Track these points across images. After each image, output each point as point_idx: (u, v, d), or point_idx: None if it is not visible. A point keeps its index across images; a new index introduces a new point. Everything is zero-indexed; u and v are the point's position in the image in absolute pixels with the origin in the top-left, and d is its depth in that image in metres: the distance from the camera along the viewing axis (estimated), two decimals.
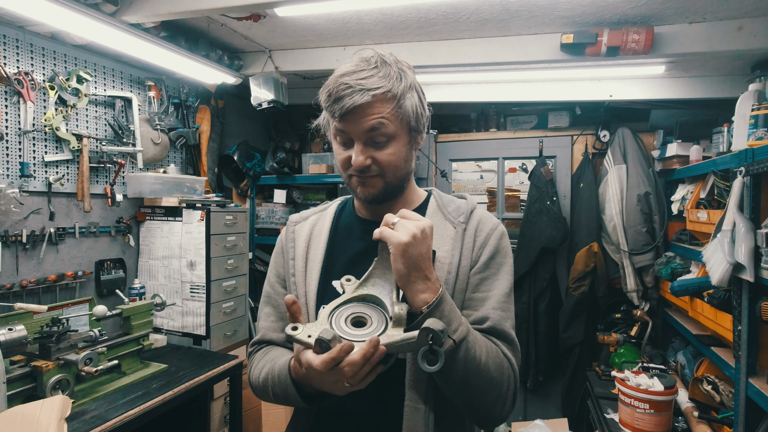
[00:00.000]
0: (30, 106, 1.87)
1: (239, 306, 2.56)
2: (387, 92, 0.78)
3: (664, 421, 1.84)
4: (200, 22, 2.15)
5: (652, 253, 2.63)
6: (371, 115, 0.78)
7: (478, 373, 0.73)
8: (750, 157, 1.58)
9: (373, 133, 0.79)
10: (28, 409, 1.28)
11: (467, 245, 0.86)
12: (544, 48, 2.16)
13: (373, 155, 0.81)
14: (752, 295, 1.54)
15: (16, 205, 1.81)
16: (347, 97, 0.76)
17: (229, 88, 2.86)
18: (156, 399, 1.68)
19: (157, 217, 2.41)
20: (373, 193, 0.84)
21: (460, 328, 0.72)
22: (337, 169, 0.88)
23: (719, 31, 1.95)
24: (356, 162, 0.80)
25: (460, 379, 0.73)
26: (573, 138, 3.07)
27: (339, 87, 0.77)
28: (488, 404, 0.77)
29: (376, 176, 0.83)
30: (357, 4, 1.82)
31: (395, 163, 0.83)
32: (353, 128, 0.79)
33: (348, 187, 0.88)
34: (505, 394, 0.77)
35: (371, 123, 0.78)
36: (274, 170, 3.16)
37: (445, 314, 0.71)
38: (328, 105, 0.79)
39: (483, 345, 0.75)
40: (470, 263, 0.85)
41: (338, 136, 0.84)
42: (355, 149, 0.80)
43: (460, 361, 0.71)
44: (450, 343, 0.70)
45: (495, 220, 0.91)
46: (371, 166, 0.81)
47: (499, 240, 0.87)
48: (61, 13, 1.63)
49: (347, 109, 0.76)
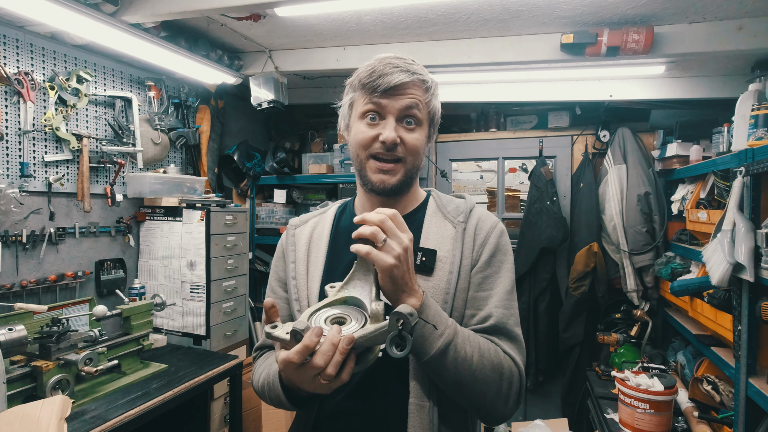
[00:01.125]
0: (30, 106, 1.87)
1: (239, 306, 2.56)
2: (425, 81, 0.85)
3: (664, 421, 1.84)
4: (200, 22, 2.15)
5: (652, 253, 2.63)
6: (410, 95, 0.83)
7: (470, 373, 0.74)
8: (750, 157, 1.58)
9: (408, 112, 0.83)
10: (28, 409, 1.28)
11: (467, 244, 0.86)
12: (544, 48, 2.16)
13: (402, 136, 0.84)
14: (752, 295, 1.54)
15: (16, 205, 1.81)
16: (394, 74, 0.81)
17: (229, 88, 2.86)
18: (156, 399, 1.68)
19: (157, 217, 2.41)
20: (392, 182, 0.85)
21: (447, 331, 0.73)
22: (354, 150, 0.88)
23: (719, 31, 1.95)
24: (388, 137, 0.81)
25: (453, 380, 0.74)
26: (573, 138, 3.07)
27: (385, 65, 0.82)
28: (487, 403, 0.77)
29: (399, 161, 0.85)
30: (357, 4, 1.82)
31: (418, 149, 0.86)
32: (391, 104, 0.83)
33: (362, 173, 0.87)
34: (506, 392, 0.77)
35: (409, 101, 0.83)
36: (274, 170, 3.16)
37: (430, 318, 0.72)
38: (370, 81, 0.83)
39: (475, 345, 0.75)
40: (471, 262, 0.85)
41: (369, 114, 0.85)
42: (388, 125, 0.83)
43: (449, 362, 0.73)
44: (430, 329, 0.72)
45: (494, 219, 0.92)
46: (398, 146, 0.83)
47: (499, 238, 0.88)
48: (61, 13, 1.63)
49: (393, 84, 0.81)
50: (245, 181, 3.17)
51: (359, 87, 0.86)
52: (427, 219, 0.91)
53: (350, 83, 0.89)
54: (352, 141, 0.89)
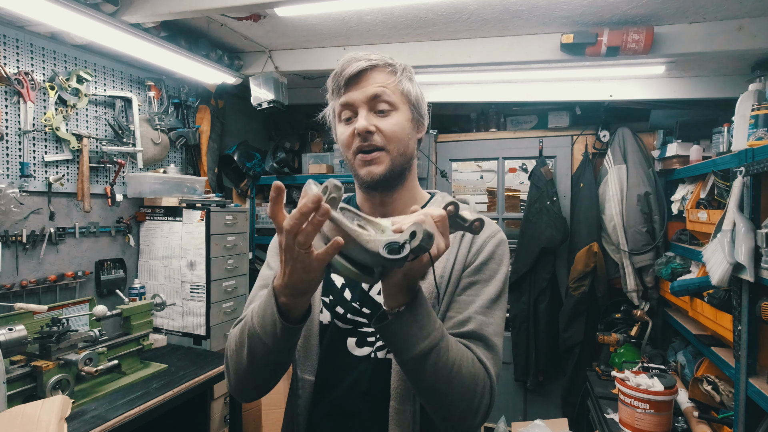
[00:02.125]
0: (30, 106, 1.87)
1: (239, 306, 2.56)
2: (387, 65, 0.84)
3: (664, 421, 1.84)
4: (200, 22, 2.15)
5: (652, 253, 2.63)
6: (374, 82, 0.82)
7: (448, 381, 0.70)
8: (750, 157, 1.58)
9: (376, 100, 0.82)
10: (28, 409, 1.28)
11: (463, 249, 0.85)
12: (544, 48, 2.16)
13: (377, 124, 0.82)
14: (752, 295, 1.54)
15: (16, 205, 1.81)
16: (351, 65, 0.82)
17: (229, 88, 2.86)
18: (156, 399, 1.68)
19: (157, 217, 2.41)
20: (378, 172, 0.83)
21: (434, 333, 0.70)
22: (342, 153, 0.87)
23: (719, 31, 1.95)
24: (360, 126, 0.80)
25: (429, 385, 0.71)
26: (573, 138, 3.07)
27: (344, 63, 0.83)
28: (458, 414, 0.73)
29: (381, 150, 0.83)
30: (357, 4, 1.82)
31: (399, 134, 0.84)
32: (357, 96, 0.82)
33: (354, 172, 0.87)
34: (477, 404, 0.74)
35: (374, 90, 0.82)
36: (274, 170, 3.16)
37: (419, 318, 0.69)
38: (334, 81, 0.84)
39: (457, 353, 0.72)
40: (463, 267, 0.84)
41: (343, 113, 0.85)
42: (360, 115, 0.82)
43: (429, 366, 0.69)
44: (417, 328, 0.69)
45: (495, 227, 0.90)
46: (375, 135, 0.82)
47: (496, 247, 0.86)
48: (61, 13, 1.63)
49: (351, 74, 0.81)
50: (245, 181, 3.17)
51: (331, 92, 0.87)
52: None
53: (327, 95, 0.90)
54: (339, 145, 0.88)
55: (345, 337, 0.87)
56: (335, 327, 0.88)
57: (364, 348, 0.86)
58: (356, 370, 0.85)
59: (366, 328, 0.86)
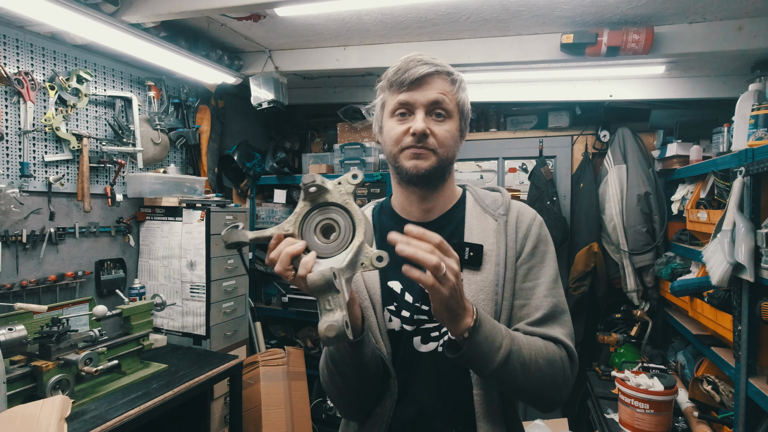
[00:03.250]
0: (30, 106, 1.87)
1: (239, 306, 2.56)
2: (450, 74, 0.88)
3: (664, 421, 1.84)
4: (200, 22, 2.15)
5: (652, 253, 2.63)
6: (436, 88, 0.86)
7: (530, 375, 0.76)
8: (750, 157, 1.58)
9: (435, 106, 0.86)
10: (28, 409, 1.28)
11: (510, 236, 0.89)
12: (544, 48, 2.16)
13: (432, 128, 0.86)
14: (752, 295, 1.54)
15: (16, 205, 1.81)
16: (418, 67, 0.85)
17: (229, 88, 2.86)
18: (156, 399, 1.68)
19: (157, 217, 2.41)
20: (425, 167, 0.86)
21: (504, 342, 0.74)
22: (387, 146, 0.90)
23: (719, 31, 1.95)
24: (417, 127, 0.83)
25: (515, 385, 0.77)
26: (573, 138, 3.07)
27: (410, 62, 0.86)
28: (545, 397, 0.81)
29: (431, 150, 0.86)
30: (357, 4, 1.82)
31: (449, 141, 0.88)
32: (418, 97, 0.85)
33: (396, 165, 0.89)
34: (560, 383, 0.80)
35: (435, 96, 0.85)
36: (274, 170, 3.16)
37: (487, 334, 0.73)
38: (396, 77, 0.86)
39: (532, 347, 0.78)
40: (515, 254, 0.88)
41: (398, 110, 0.87)
42: (417, 117, 0.85)
43: (510, 371, 0.75)
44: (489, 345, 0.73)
45: (532, 211, 0.94)
46: (429, 138, 0.85)
47: (540, 229, 0.91)
48: (61, 13, 1.63)
49: (417, 76, 0.84)
50: (245, 181, 3.17)
51: (387, 86, 0.89)
52: (468, 214, 0.94)
53: (380, 86, 0.93)
54: (385, 139, 0.91)
55: (411, 337, 0.90)
56: (405, 331, 0.91)
57: (429, 344, 0.89)
58: (425, 367, 0.89)
59: (428, 325, 0.90)
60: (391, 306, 0.91)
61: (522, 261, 0.88)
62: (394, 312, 0.91)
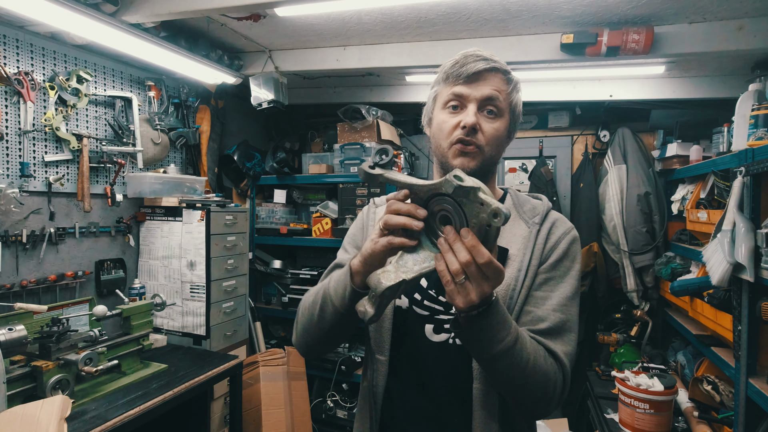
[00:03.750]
0: (30, 106, 1.87)
1: (239, 306, 2.56)
2: (506, 72, 0.89)
3: (664, 421, 1.84)
4: (200, 22, 2.15)
5: (652, 253, 2.63)
6: (491, 85, 0.86)
7: (523, 377, 0.76)
8: (750, 157, 1.58)
9: (488, 102, 0.86)
10: (28, 409, 1.28)
11: (539, 245, 0.88)
12: (544, 48, 2.16)
13: (482, 124, 0.86)
14: (752, 295, 1.54)
15: (16, 205, 1.81)
16: (475, 63, 0.86)
17: (229, 88, 2.86)
18: (156, 399, 1.68)
19: (157, 217, 2.41)
20: (471, 166, 0.86)
21: (508, 337, 0.73)
22: (437, 139, 0.90)
23: (719, 31, 1.95)
24: (468, 120, 0.84)
25: (505, 380, 0.77)
26: (573, 138, 3.07)
27: (467, 57, 0.87)
28: (530, 404, 0.80)
29: (477, 149, 0.86)
30: (357, 4, 1.82)
31: (497, 140, 0.88)
32: (472, 91, 0.86)
33: (443, 160, 0.89)
34: (549, 397, 0.79)
35: (490, 92, 0.86)
36: (274, 170, 3.16)
37: (496, 321, 0.72)
38: (453, 71, 0.87)
39: (531, 352, 0.76)
40: (539, 263, 0.87)
41: (451, 102, 0.88)
42: (469, 111, 0.85)
43: (504, 366, 0.74)
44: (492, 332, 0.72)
45: (569, 224, 0.93)
46: (477, 134, 0.85)
47: (570, 244, 0.89)
48: (61, 13, 1.63)
49: (474, 71, 0.85)
50: (245, 181, 3.17)
51: (443, 79, 0.90)
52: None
53: (435, 79, 0.93)
54: (434, 130, 0.91)
55: (423, 323, 0.91)
56: (414, 313, 0.92)
57: (441, 334, 0.90)
58: (434, 355, 0.89)
59: (442, 315, 0.90)
60: None
61: (543, 270, 0.87)
62: (406, 292, 0.92)
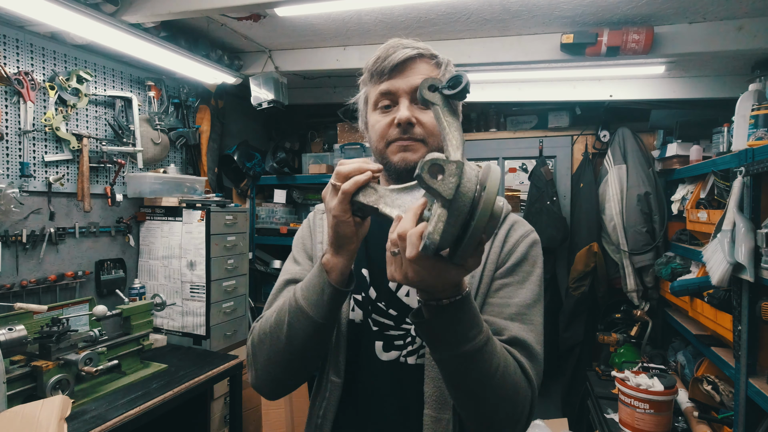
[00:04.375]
0: (30, 106, 1.87)
1: (239, 306, 2.56)
2: (433, 56, 0.81)
3: (664, 421, 1.84)
4: (200, 22, 2.15)
5: (652, 253, 2.63)
6: (419, 73, 0.79)
7: (490, 387, 0.66)
8: (750, 157, 1.58)
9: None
10: (28, 409, 1.28)
11: (495, 249, 0.82)
12: (544, 48, 2.16)
13: (418, 116, 0.78)
14: (752, 295, 1.54)
15: (16, 205, 1.81)
16: (396, 53, 0.78)
17: (229, 88, 2.86)
18: (156, 399, 1.68)
19: (157, 217, 2.41)
20: (413, 159, 0.78)
21: (479, 336, 0.64)
22: (374, 141, 0.83)
23: (719, 31, 1.95)
24: (402, 116, 0.77)
25: (469, 390, 0.67)
26: (573, 138, 3.07)
27: (389, 48, 0.80)
28: (497, 424, 0.69)
29: (420, 142, 0.79)
30: (357, 4, 1.82)
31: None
32: (401, 84, 0.79)
33: (384, 161, 0.82)
34: (518, 415, 0.70)
35: (418, 80, 0.78)
36: (274, 170, 3.16)
37: (467, 318, 0.63)
38: (376, 67, 0.80)
39: (502, 359, 0.67)
40: (495, 267, 0.81)
41: (381, 101, 0.81)
42: (401, 106, 0.78)
43: (472, 370, 0.64)
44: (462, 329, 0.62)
45: (529, 227, 0.86)
46: (415, 127, 0.78)
47: (529, 248, 0.82)
48: (61, 13, 1.63)
49: (398, 61, 0.78)
50: (245, 181, 3.17)
51: (368, 78, 0.83)
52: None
53: (361, 80, 0.86)
54: (370, 134, 0.84)
55: (373, 340, 0.83)
56: (367, 327, 0.84)
57: (391, 352, 0.82)
58: (383, 376, 0.82)
59: (392, 331, 0.82)
60: (357, 295, 0.85)
61: (499, 275, 0.80)
62: (360, 303, 0.85)
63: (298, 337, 0.73)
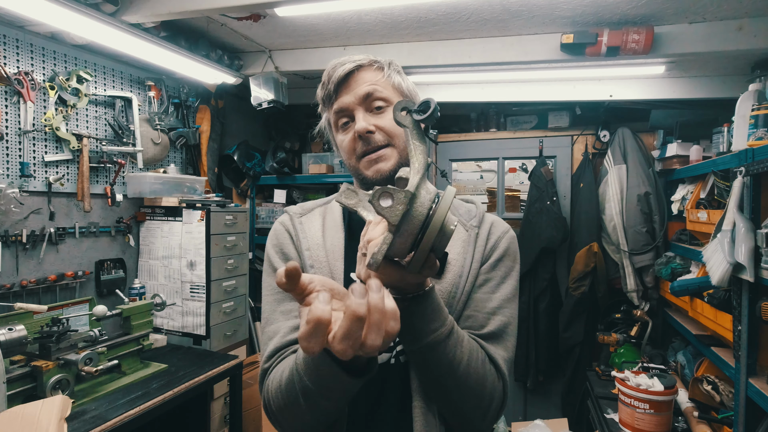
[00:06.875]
0: (30, 106, 1.87)
1: (239, 306, 2.56)
2: (373, 62, 0.84)
3: (664, 421, 1.84)
4: (200, 22, 2.15)
5: (652, 253, 2.63)
6: (364, 81, 0.82)
7: (454, 378, 0.69)
8: (750, 157, 1.58)
9: (370, 99, 0.82)
10: (28, 409, 1.28)
11: (479, 247, 0.84)
12: (544, 48, 2.16)
13: (376, 122, 0.81)
14: (752, 295, 1.54)
15: (16, 205, 1.81)
16: (337, 69, 0.81)
17: (229, 88, 2.86)
18: (156, 399, 1.68)
19: (157, 217, 2.41)
20: (387, 168, 0.80)
21: (441, 329, 0.67)
22: (346, 160, 0.85)
23: (719, 31, 1.95)
24: (360, 127, 0.79)
25: (434, 380, 0.71)
26: (573, 138, 3.07)
27: (329, 70, 0.83)
28: (466, 412, 0.72)
29: (387, 147, 0.81)
30: (357, 4, 1.82)
31: (400, 129, 0.80)
32: (349, 99, 0.81)
33: (357, 175, 0.84)
34: (486, 406, 0.73)
35: (365, 89, 0.81)
36: (274, 170, 3.16)
37: (428, 311, 0.66)
38: (324, 90, 0.84)
39: (466, 351, 0.70)
40: (480, 264, 0.84)
41: (339, 120, 0.84)
42: (357, 118, 0.81)
43: (434, 361, 0.68)
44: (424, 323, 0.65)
45: (506, 225, 0.90)
46: (376, 135, 0.81)
47: (509, 243, 0.87)
48: (61, 13, 1.63)
49: (340, 77, 0.81)
50: (245, 181, 3.17)
51: (322, 102, 0.86)
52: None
53: (320, 109, 0.89)
54: (341, 154, 0.86)
55: None
56: None
57: (382, 354, 0.82)
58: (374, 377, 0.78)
59: None
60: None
61: (483, 270, 0.83)
62: None
63: (327, 414, 0.69)
